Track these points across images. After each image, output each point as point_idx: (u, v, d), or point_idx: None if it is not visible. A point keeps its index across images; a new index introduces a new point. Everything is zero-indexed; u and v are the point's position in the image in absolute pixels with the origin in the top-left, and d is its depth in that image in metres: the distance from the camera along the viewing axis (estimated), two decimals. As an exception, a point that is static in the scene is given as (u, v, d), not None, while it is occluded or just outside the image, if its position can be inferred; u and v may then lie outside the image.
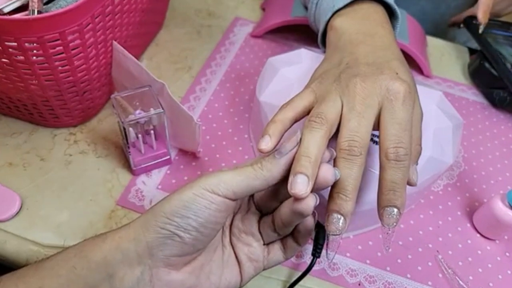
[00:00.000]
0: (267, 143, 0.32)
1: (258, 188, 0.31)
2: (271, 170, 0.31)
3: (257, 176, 0.30)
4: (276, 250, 0.35)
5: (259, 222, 0.35)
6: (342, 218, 0.31)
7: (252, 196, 0.36)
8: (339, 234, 0.31)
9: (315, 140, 0.31)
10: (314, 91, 0.36)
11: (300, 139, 0.32)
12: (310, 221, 0.33)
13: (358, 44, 0.39)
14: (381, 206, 0.32)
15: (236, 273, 0.34)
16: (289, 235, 0.35)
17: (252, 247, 0.35)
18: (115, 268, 0.29)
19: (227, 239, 0.35)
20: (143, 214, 0.31)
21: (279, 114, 0.34)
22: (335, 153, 0.33)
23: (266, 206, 0.35)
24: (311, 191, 0.30)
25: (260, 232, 0.35)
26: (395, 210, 0.31)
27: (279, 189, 0.34)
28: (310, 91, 0.36)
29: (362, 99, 0.34)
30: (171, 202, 0.30)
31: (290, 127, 0.35)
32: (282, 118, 0.34)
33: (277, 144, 0.33)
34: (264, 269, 0.35)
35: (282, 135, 0.33)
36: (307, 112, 0.36)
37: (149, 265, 0.30)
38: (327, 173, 0.31)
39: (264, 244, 0.35)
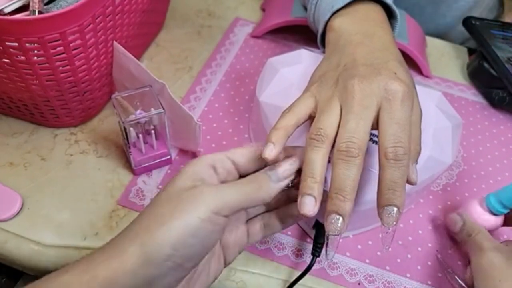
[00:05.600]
0: (271, 151, 0.32)
1: (255, 205, 0.32)
2: (268, 193, 0.32)
3: (255, 198, 0.31)
4: (257, 231, 0.36)
5: None
6: (341, 218, 0.31)
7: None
8: (338, 234, 0.32)
9: (318, 160, 0.32)
10: (314, 95, 0.37)
11: (296, 164, 0.33)
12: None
13: (357, 45, 0.39)
14: (380, 205, 0.32)
15: (221, 261, 0.35)
16: (273, 217, 0.36)
17: (238, 230, 0.35)
18: None
19: None
20: (136, 237, 0.28)
21: (281, 121, 0.35)
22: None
23: None
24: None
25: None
26: (395, 209, 0.32)
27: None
28: (310, 95, 0.37)
29: (360, 100, 0.34)
30: (176, 232, 0.27)
31: (293, 133, 0.35)
32: (285, 125, 0.34)
33: (280, 151, 0.33)
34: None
35: (286, 142, 0.34)
36: (308, 117, 0.36)
37: None
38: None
39: (246, 222, 0.36)
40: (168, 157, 0.48)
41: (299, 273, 0.40)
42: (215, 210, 0.29)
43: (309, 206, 0.31)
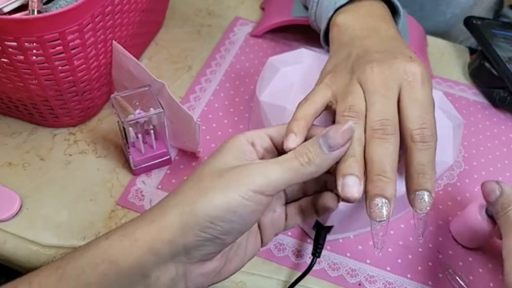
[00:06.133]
0: (293, 141, 0.31)
1: (302, 181, 0.29)
2: (320, 166, 0.29)
3: (304, 172, 0.28)
4: (294, 216, 0.35)
5: None
6: (387, 202, 0.30)
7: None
8: (385, 220, 0.30)
9: (355, 137, 0.31)
10: (329, 86, 0.36)
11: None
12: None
13: (365, 37, 0.39)
14: (411, 191, 0.31)
15: (258, 240, 0.34)
16: (310, 203, 0.34)
17: (276, 212, 0.34)
18: (149, 271, 0.27)
19: None
20: (175, 207, 0.28)
21: (299, 111, 0.33)
22: None
23: None
24: None
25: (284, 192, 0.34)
26: (426, 193, 0.31)
27: None
28: (325, 86, 0.36)
29: (382, 81, 0.33)
30: (216, 206, 0.27)
31: (312, 123, 0.34)
32: (304, 115, 0.33)
33: (302, 142, 0.31)
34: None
35: (306, 132, 0.32)
36: (325, 107, 0.35)
37: (183, 262, 0.28)
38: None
39: (285, 204, 0.34)
40: (168, 157, 0.48)
41: (299, 273, 0.40)
42: (259, 190, 0.27)
43: (353, 187, 0.29)
